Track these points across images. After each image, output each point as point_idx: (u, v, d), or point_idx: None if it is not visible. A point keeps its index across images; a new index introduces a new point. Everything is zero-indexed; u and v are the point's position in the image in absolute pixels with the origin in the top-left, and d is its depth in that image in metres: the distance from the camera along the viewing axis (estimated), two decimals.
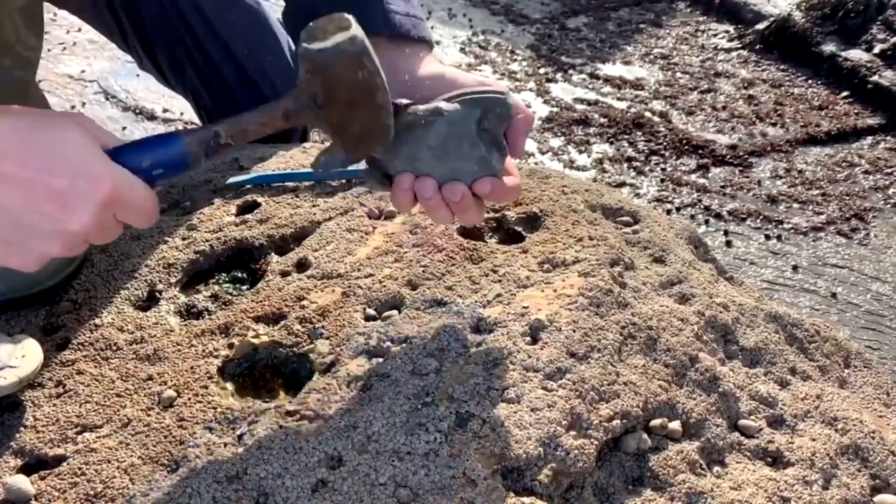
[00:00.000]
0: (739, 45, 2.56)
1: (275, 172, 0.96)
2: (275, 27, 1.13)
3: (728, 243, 1.56)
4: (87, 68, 1.98)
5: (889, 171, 1.84)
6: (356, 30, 0.57)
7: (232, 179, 0.95)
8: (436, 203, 0.64)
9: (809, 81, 2.30)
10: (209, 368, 0.69)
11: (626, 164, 1.82)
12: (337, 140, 0.62)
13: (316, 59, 0.56)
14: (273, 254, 0.84)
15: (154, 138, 0.59)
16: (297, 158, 1.00)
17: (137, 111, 1.81)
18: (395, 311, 0.74)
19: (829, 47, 2.33)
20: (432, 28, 2.54)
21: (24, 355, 0.65)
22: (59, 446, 0.62)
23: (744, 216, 1.65)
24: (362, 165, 0.68)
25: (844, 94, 2.20)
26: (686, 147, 1.91)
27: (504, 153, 0.66)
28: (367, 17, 0.66)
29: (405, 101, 0.64)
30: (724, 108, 2.14)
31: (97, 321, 0.74)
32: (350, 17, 0.57)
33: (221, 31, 1.05)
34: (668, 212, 1.65)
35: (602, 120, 2.01)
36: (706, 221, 1.63)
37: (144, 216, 0.58)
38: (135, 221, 0.58)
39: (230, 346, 0.72)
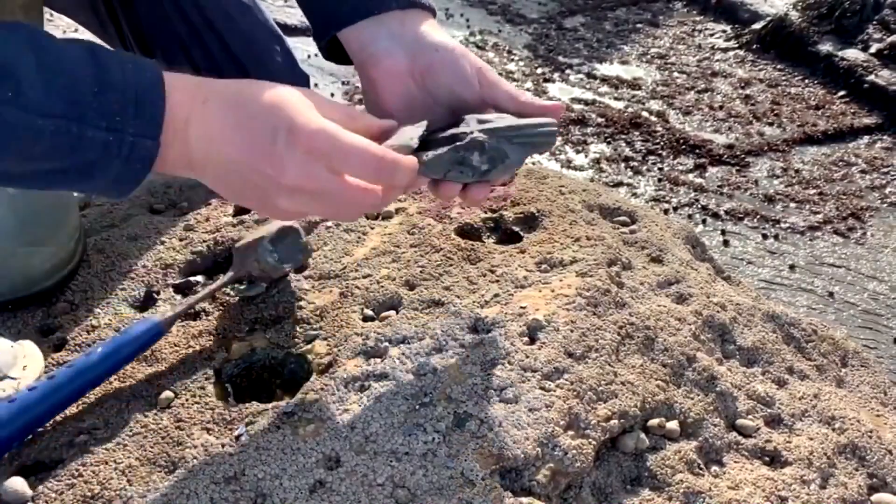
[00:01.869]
0: (736, 45, 2.56)
1: None
2: (270, 24, 1.13)
3: (725, 243, 1.56)
4: None
5: (886, 170, 1.85)
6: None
7: None
8: (452, 192, 0.64)
9: (806, 81, 2.30)
10: (207, 369, 0.69)
11: (623, 164, 1.83)
12: None
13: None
14: None
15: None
16: None
17: None
18: (392, 312, 0.74)
19: (825, 47, 2.34)
20: None
21: (27, 366, 0.65)
22: (56, 448, 0.62)
23: (741, 216, 1.65)
24: None
25: (841, 93, 2.20)
26: (683, 147, 1.91)
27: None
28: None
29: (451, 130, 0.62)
30: (721, 107, 2.14)
31: (94, 322, 0.74)
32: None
33: (219, 28, 1.05)
34: (666, 211, 1.65)
35: (599, 120, 2.01)
36: (703, 221, 1.63)
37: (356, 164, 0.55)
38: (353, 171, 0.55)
39: (228, 346, 0.72)
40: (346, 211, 0.59)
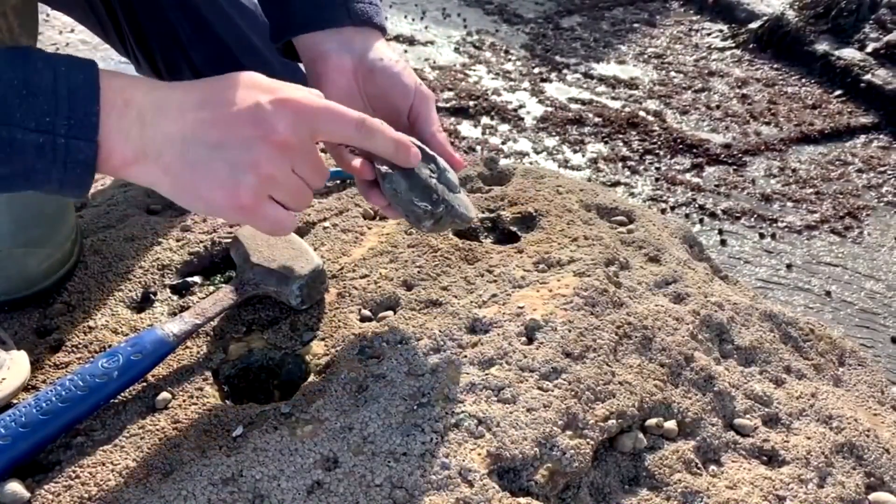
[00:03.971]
0: (733, 45, 2.56)
1: None
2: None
3: (722, 242, 1.56)
4: None
5: (882, 169, 1.85)
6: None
7: None
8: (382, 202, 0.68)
9: (803, 80, 2.30)
10: (204, 370, 0.69)
11: (620, 164, 1.83)
12: None
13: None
14: None
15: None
16: None
17: None
18: (390, 312, 0.74)
19: (822, 46, 2.34)
20: (426, 28, 2.54)
21: (5, 378, 0.65)
22: (53, 450, 0.62)
23: (738, 215, 1.65)
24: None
25: (838, 92, 2.21)
26: (680, 146, 1.91)
27: None
28: (330, 9, 0.71)
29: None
30: (717, 107, 2.14)
31: (91, 323, 0.74)
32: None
33: (218, 30, 1.05)
34: (663, 211, 1.65)
35: (596, 119, 2.02)
36: (700, 220, 1.63)
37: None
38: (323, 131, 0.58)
39: (225, 347, 0.72)
40: (312, 178, 0.59)
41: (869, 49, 2.25)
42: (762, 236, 1.59)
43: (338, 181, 0.96)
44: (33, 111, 0.50)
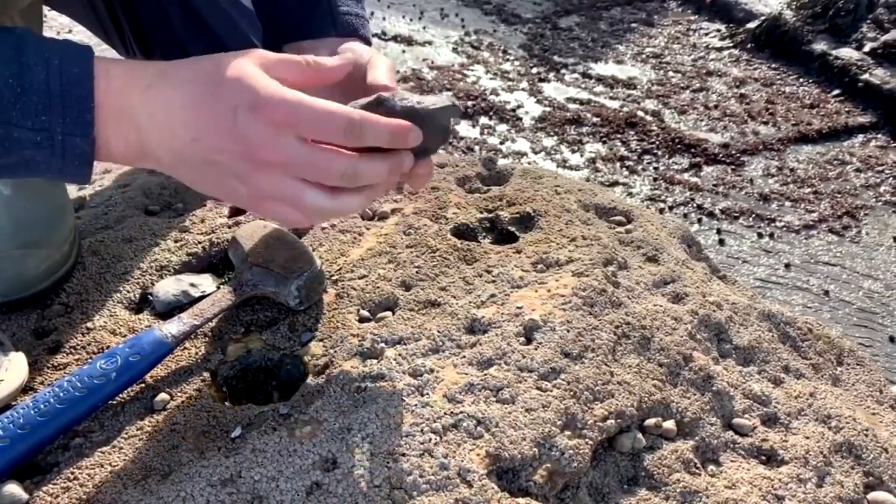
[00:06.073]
0: (731, 44, 2.57)
1: None
2: None
3: (721, 242, 1.56)
4: None
5: (880, 168, 1.85)
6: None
7: None
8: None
9: (800, 80, 2.31)
10: (202, 371, 0.69)
11: (618, 164, 1.83)
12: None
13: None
14: None
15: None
16: None
17: None
18: (388, 313, 0.74)
19: (819, 46, 2.34)
20: (424, 28, 2.54)
21: (2, 380, 0.64)
22: (51, 452, 0.61)
23: (736, 215, 1.65)
24: None
25: (835, 92, 2.21)
26: (678, 146, 1.91)
27: None
28: (317, 19, 0.74)
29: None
30: (715, 106, 2.14)
31: (89, 324, 0.74)
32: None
33: (217, 30, 1.05)
34: (661, 211, 1.65)
35: (595, 119, 2.02)
36: (699, 220, 1.63)
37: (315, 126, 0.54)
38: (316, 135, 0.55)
39: (223, 348, 0.71)
40: (322, 178, 0.55)
41: (866, 48, 2.25)
42: (760, 236, 1.59)
43: None
44: (28, 109, 0.50)
